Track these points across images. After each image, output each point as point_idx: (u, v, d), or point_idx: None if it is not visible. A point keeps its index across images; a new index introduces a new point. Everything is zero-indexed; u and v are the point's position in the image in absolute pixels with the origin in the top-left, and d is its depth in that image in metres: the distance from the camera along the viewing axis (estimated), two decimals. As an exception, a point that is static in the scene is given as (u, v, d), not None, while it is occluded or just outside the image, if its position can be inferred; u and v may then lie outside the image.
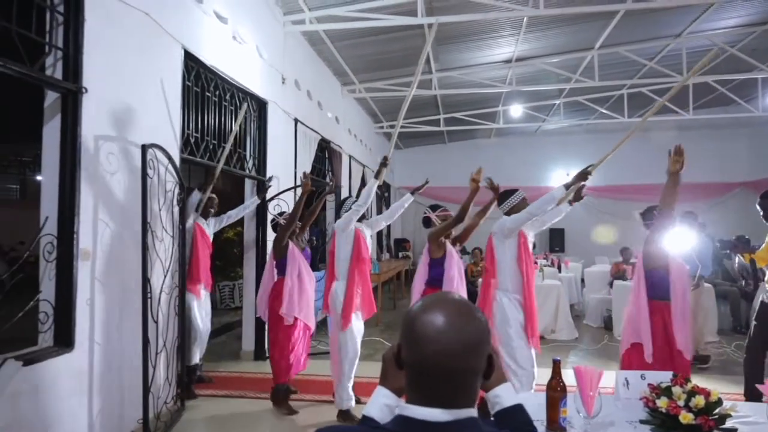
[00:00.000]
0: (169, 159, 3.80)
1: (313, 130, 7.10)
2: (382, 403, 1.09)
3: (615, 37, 7.65)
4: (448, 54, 8.00)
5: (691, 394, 1.82)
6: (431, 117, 11.08)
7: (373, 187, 4.02)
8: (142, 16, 3.58)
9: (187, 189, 4.26)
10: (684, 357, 2.93)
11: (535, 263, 5.85)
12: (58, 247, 2.93)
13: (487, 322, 0.99)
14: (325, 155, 8.09)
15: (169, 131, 3.94)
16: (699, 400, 1.80)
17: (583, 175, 3.48)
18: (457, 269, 3.86)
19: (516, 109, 11.04)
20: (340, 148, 8.51)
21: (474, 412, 0.97)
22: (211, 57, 4.54)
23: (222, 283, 8.55)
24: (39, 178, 4.84)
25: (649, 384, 1.95)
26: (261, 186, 5.43)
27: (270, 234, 5.72)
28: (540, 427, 1.56)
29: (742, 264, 6.83)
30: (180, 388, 3.96)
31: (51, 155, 3.01)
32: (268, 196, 5.46)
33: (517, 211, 3.59)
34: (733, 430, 1.79)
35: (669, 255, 3.04)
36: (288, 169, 6.27)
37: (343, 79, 8.54)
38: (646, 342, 2.96)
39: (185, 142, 4.27)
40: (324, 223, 8.63)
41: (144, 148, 3.35)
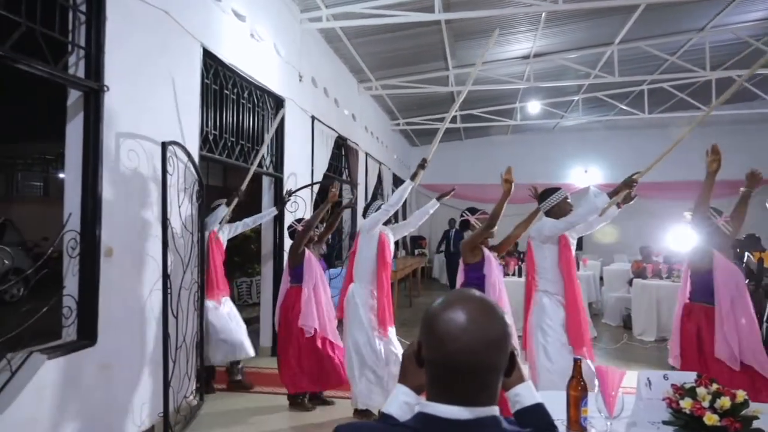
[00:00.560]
0: (189, 156, 3.85)
1: (330, 128, 7.12)
2: (401, 400, 1.09)
3: (636, 31, 7.50)
4: (466, 50, 7.94)
5: (717, 395, 1.78)
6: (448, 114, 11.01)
7: (407, 189, 3.92)
8: (162, 14, 3.62)
9: (214, 198, 4.15)
10: (723, 365, 2.80)
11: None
12: (81, 242, 2.98)
13: (508, 319, 0.98)
14: (342, 152, 8.10)
15: (188, 129, 3.98)
16: (724, 402, 1.75)
17: (629, 184, 3.39)
18: (497, 275, 3.67)
19: (534, 106, 10.94)
20: (357, 145, 8.52)
21: (496, 410, 0.96)
22: (230, 55, 4.57)
23: (240, 280, 8.62)
24: (62, 176, 4.92)
25: (672, 384, 1.91)
26: (279, 198, 5.41)
27: (287, 232, 5.74)
28: (561, 426, 1.54)
29: (750, 262, 6.63)
30: (199, 383, 4.01)
31: (74, 153, 3.06)
32: (285, 190, 5.44)
33: (558, 211, 3.50)
34: (760, 432, 1.75)
35: (715, 258, 2.94)
36: (305, 167, 6.30)
37: (360, 77, 8.54)
38: (673, 343, 2.91)
39: (204, 140, 4.31)
40: (340, 221, 8.61)
41: (164, 146, 3.39)
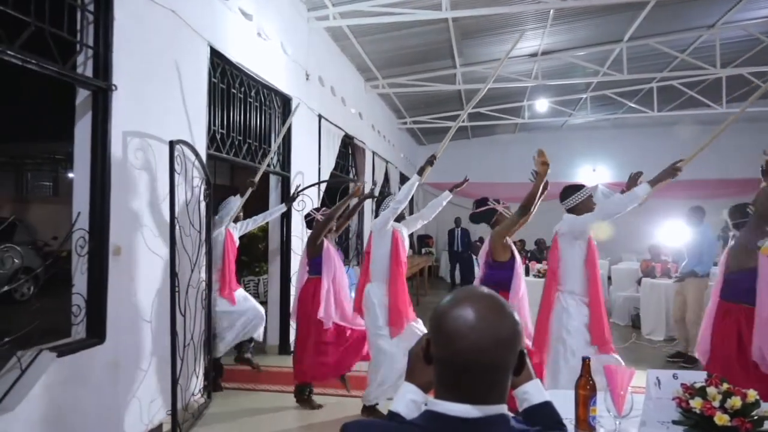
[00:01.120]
0: (196, 155, 3.86)
1: (337, 126, 7.12)
2: (408, 398, 1.08)
3: (645, 28, 7.43)
4: (473, 48, 7.90)
5: (727, 394, 1.76)
6: (455, 112, 10.98)
7: (414, 184, 3.84)
8: (169, 13, 3.63)
9: (222, 196, 4.09)
10: (758, 370, 2.74)
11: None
12: (90, 241, 3.00)
13: (518, 317, 0.97)
14: (349, 151, 8.11)
15: (195, 127, 3.99)
16: (735, 401, 1.73)
17: (674, 171, 3.15)
18: (522, 277, 3.48)
19: (541, 104, 10.88)
20: (364, 144, 8.51)
21: (504, 408, 0.96)
22: (237, 54, 4.58)
23: (247, 278, 8.65)
24: (71, 175, 4.95)
25: (682, 384, 1.90)
26: (288, 196, 5.40)
27: (294, 231, 5.76)
28: (569, 425, 1.53)
29: None
30: (207, 381, 4.03)
31: (82, 152, 3.07)
32: (292, 189, 5.46)
33: (583, 208, 3.34)
34: (772, 433, 1.72)
35: (760, 257, 2.84)
36: (312, 166, 6.31)
37: (367, 75, 8.53)
38: (703, 340, 2.90)
39: (211, 138, 4.33)
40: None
41: (171, 144, 3.40)
